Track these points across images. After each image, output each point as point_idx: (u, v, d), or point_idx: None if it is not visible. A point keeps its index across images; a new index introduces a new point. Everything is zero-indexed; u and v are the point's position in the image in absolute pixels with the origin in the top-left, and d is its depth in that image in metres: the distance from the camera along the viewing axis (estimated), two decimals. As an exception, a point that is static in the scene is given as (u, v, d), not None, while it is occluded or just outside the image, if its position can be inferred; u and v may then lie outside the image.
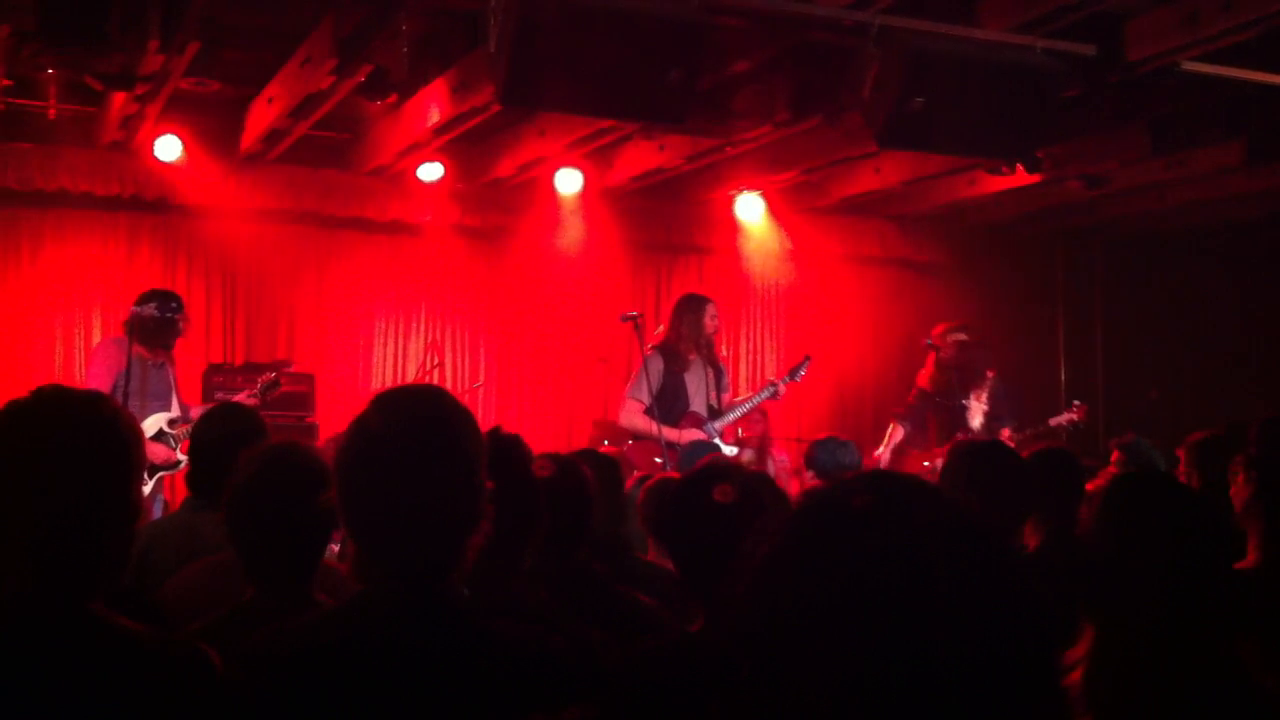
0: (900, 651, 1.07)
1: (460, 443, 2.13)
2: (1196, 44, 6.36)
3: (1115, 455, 6.03)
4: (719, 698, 1.52)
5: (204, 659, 2.11)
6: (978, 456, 3.92)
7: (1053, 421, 8.31)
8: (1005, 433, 8.14)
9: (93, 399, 2.21)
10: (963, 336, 8.57)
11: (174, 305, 7.31)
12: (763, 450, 8.26)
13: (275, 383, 7.66)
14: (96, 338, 8.98)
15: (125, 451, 2.15)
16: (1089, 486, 3.98)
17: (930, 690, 1.07)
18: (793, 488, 7.30)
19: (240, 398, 7.31)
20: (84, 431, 2.10)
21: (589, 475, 3.23)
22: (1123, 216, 10.95)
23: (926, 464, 8.18)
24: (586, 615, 2.81)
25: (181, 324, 7.36)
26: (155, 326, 7.18)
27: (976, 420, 8.35)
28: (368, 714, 2.03)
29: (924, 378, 8.68)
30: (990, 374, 8.58)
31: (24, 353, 9.19)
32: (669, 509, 2.77)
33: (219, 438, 3.82)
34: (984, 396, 8.40)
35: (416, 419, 2.13)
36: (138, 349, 7.17)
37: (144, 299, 7.31)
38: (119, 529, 2.14)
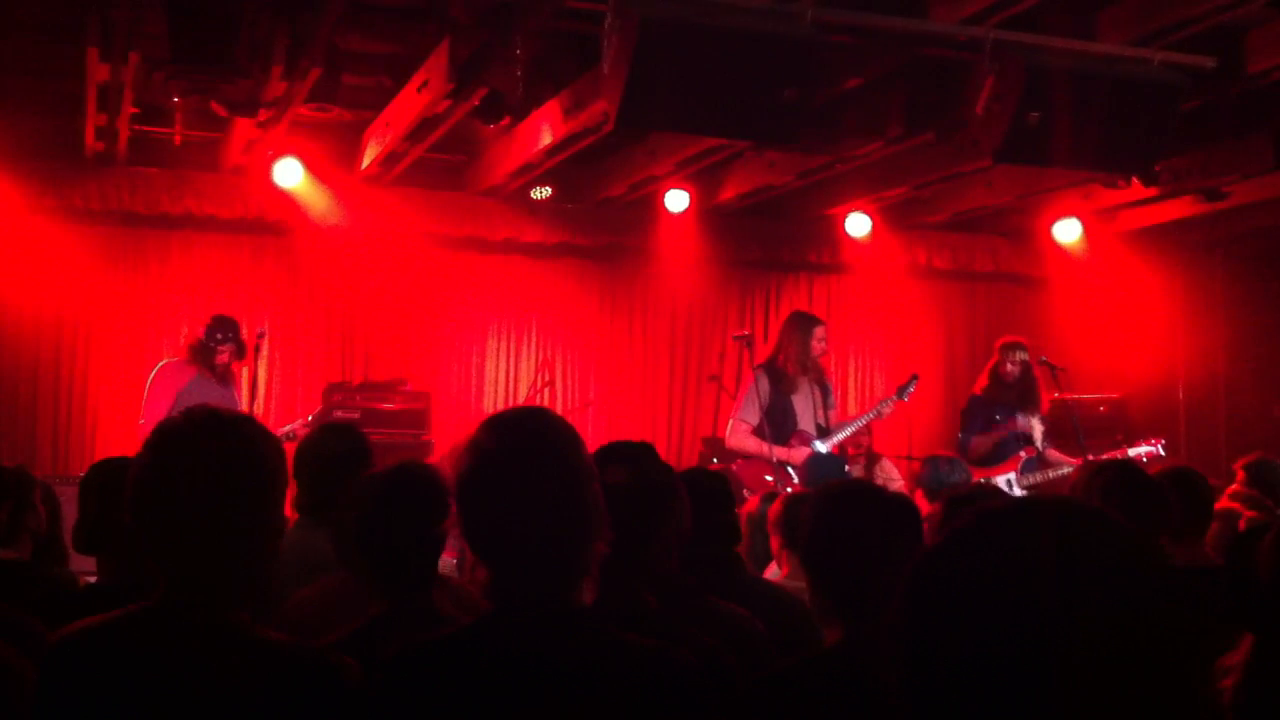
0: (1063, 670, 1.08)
1: (571, 458, 2.18)
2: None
3: (1241, 476, 5.87)
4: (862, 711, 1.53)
5: (346, 669, 2.18)
6: (1109, 474, 3.87)
7: (1131, 452, 7.98)
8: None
9: (241, 421, 2.30)
10: (1025, 355, 8.43)
11: (219, 335, 7.80)
12: (870, 462, 8.16)
13: (327, 415, 8.14)
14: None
15: (271, 471, 2.24)
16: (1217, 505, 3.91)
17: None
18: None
19: (296, 426, 7.61)
20: (232, 451, 2.19)
21: (677, 486, 3.21)
22: (1243, 231, 10.71)
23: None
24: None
25: (219, 352, 7.80)
26: (201, 350, 7.83)
27: (1039, 441, 8.15)
28: None
29: (980, 388, 8.50)
30: (1048, 399, 8.40)
31: (150, 369, 9.43)
32: (809, 524, 2.75)
33: (327, 457, 3.93)
34: (1036, 418, 8.22)
35: (527, 439, 2.18)
36: (199, 369, 7.75)
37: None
38: (263, 543, 2.23)
